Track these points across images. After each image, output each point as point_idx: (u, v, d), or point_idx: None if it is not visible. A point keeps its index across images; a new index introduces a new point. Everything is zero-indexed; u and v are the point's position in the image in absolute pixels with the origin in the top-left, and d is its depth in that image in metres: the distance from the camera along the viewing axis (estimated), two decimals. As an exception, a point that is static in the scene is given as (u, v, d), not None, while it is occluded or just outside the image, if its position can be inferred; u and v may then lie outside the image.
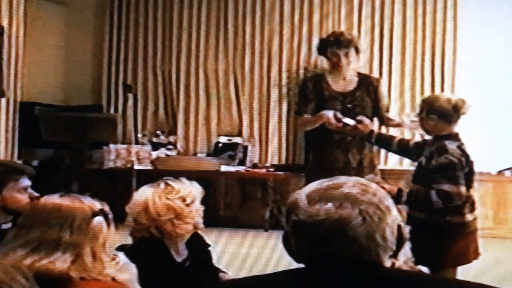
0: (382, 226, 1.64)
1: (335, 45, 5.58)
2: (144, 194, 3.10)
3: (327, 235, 1.61)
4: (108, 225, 2.32)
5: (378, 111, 5.51)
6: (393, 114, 8.73)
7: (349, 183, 1.68)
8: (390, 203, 1.69)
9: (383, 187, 4.07)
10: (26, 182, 3.31)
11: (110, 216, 2.34)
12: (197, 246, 3.23)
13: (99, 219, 2.27)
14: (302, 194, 1.69)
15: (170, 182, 3.13)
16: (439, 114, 4.05)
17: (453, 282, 1.65)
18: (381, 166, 8.72)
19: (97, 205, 2.31)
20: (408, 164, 8.75)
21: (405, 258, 2.47)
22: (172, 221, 3.04)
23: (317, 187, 1.68)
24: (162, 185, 3.11)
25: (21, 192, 3.27)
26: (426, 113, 4.09)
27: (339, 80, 5.63)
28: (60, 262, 2.16)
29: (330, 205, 1.62)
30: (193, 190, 3.13)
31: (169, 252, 3.10)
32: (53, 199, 2.31)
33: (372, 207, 1.64)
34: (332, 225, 1.61)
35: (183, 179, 3.16)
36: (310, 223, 1.62)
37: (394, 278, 1.63)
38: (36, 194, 3.15)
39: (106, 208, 2.33)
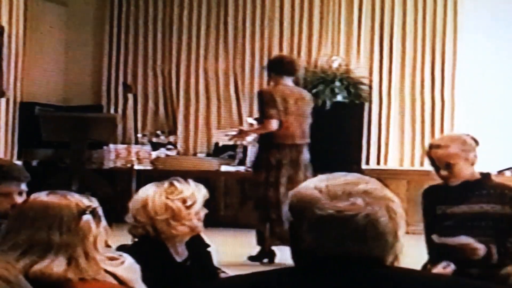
0: (402, 223, 1.64)
1: None
2: (146, 192, 3.10)
3: (358, 231, 1.59)
4: (98, 222, 2.27)
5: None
6: (393, 114, 8.79)
7: (363, 180, 1.65)
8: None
9: (473, 247, 3.38)
10: (11, 187, 3.08)
11: (100, 212, 2.29)
12: (197, 246, 3.23)
13: (87, 217, 2.22)
14: (310, 189, 1.64)
15: (174, 182, 3.12)
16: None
17: (464, 282, 1.65)
18: (381, 166, 8.78)
19: (85, 202, 2.27)
20: (408, 164, 8.77)
21: None
22: (168, 221, 3.04)
23: (331, 183, 1.65)
24: (165, 185, 3.11)
25: (2, 196, 3.03)
26: None
27: None
28: (56, 265, 2.13)
29: (360, 200, 1.60)
30: (196, 192, 3.12)
31: (169, 252, 3.10)
32: (40, 198, 2.27)
33: (393, 203, 1.64)
34: (363, 221, 1.59)
35: (190, 181, 3.16)
36: (340, 218, 1.60)
37: (401, 277, 1.63)
38: (17, 202, 2.90)
39: (95, 205, 2.28)
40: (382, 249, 1.61)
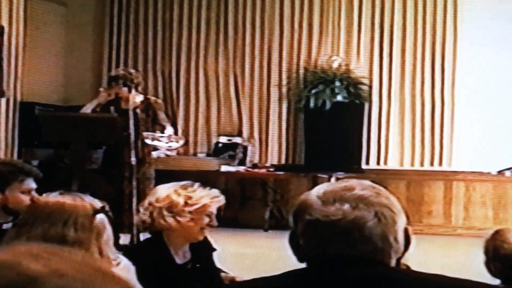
0: (395, 227, 1.68)
1: None
2: (164, 185, 3.27)
3: (343, 235, 1.64)
4: (110, 223, 2.33)
5: None
6: (393, 114, 8.79)
7: (361, 186, 1.71)
8: (399, 206, 1.72)
9: None
10: (31, 184, 3.29)
11: (110, 214, 2.35)
12: (202, 250, 3.27)
13: (101, 216, 2.28)
14: (312, 195, 1.70)
15: (195, 184, 3.24)
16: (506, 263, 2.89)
17: (463, 282, 1.66)
18: (381, 166, 8.78)
19: (97, 203, 2.32)
20: (408, 164, 8.77)
21: None
22: (161, 210, 3.11)
23: (328, 189, 1.70)
24: (184, 182, 3.23)
25: (25, 194, 3.25)
26: (493, 258, 2.94)
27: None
28: None
29: (347, 206, 1.65)
30: (206, 198, 3.20)
31: (170, 254, 3.13)
32: (54, 197, 2.32)
33: (386, 209, 1.67)
34: (348, 225, 1.63)
35: (213, 190, 3.26)
36: (326, 223, 1.64)
37: (401, 277, 1.65)
38: (38, 197, 3.14)
39: (107, 207, 2.35)
40: (372, 253, 1.64)
